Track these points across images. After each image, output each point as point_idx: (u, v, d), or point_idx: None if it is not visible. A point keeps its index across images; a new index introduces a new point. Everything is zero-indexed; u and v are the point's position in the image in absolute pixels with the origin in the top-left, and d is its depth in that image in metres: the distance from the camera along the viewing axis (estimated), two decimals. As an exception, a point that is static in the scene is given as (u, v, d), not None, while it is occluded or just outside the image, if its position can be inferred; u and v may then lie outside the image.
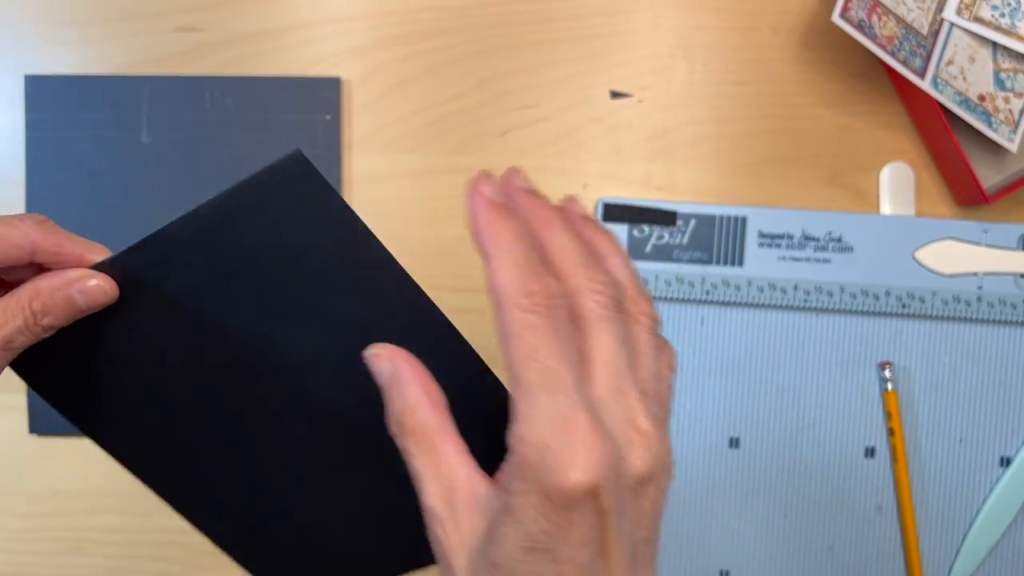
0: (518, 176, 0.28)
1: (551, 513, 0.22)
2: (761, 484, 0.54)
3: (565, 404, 0.22)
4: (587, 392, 0.23)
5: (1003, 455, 0.53)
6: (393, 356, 0.27)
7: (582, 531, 0.22)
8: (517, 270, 0.24)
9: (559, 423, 0.22)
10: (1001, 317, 0.53)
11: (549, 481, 0.22)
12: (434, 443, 0.26)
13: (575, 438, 0.22)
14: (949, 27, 0.50)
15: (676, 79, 0.54)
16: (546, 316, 0.23)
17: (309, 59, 0.54)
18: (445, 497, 0.25)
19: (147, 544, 0.54)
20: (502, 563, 0.23)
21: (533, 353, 0.23)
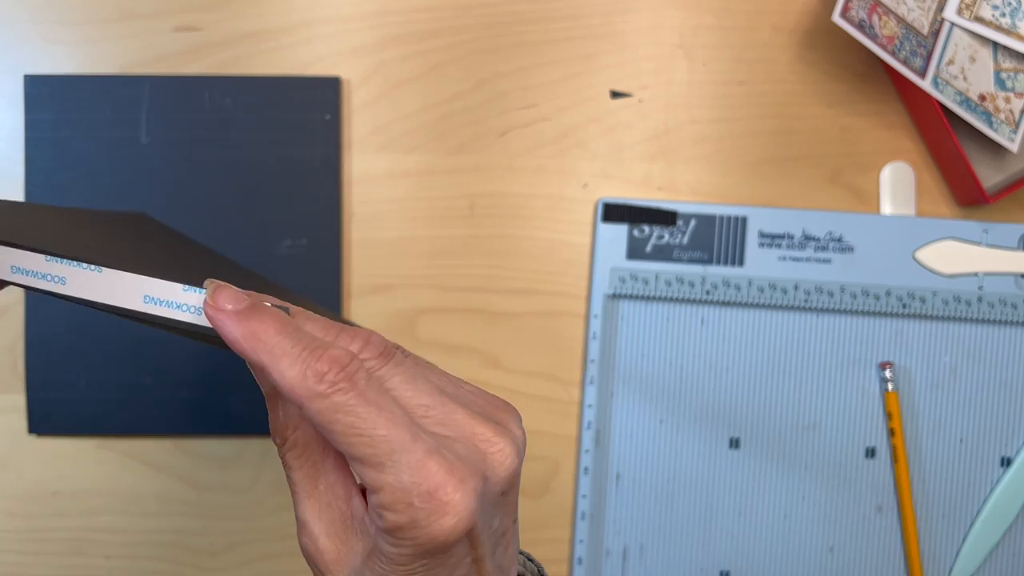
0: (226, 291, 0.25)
1: (427, 556, 0.23)
2: (761, 484, 0.54)
3: (411, 462, 0.22)
4: (422, 435, 0.23)
5: (1004, 455, 0.53)
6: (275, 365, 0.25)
7: (458, 556, 0.23)
8: (299, 363, 0.23)
9: (416, 482, 0.22)
10: (1002, 317, 0.53)
11: (424, 538, 0.22)
12: (315, 459, 0.25)
13: (438, 490, 0.22)
14: (950, 27, 0.50)
15: (676, 79, 0.54)
16: (349, 388, 0.22)
17: (308, 59, 0.54)
18: (322, 515, 0.25)
19: (147, 544, 0.54)
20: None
21: (356, 430, 0.22)
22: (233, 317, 0.24)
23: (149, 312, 0.26)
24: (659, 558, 0.54)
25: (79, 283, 0.26)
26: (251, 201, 0.53)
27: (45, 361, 0.53)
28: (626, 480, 0.54)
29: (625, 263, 0.53)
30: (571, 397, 0.54)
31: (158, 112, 0.53)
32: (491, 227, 0.54)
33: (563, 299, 0.54)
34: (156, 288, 0.26)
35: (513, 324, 0.54)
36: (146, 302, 0.26)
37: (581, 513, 0.53)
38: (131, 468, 0.54)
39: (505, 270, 0.54)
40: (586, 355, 0.53)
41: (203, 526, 0.54)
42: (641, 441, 0.54)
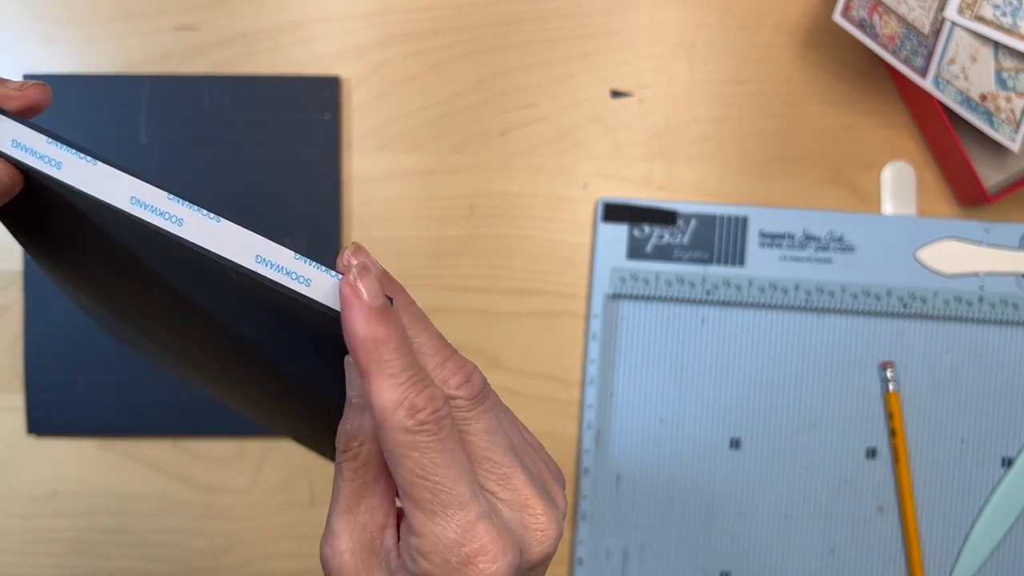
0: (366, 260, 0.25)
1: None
2: (762, 485, 0.53)
3: (461, 519, 0.22)
4: (480, 495, 0.23)
5: (1005, 456, 0.53)
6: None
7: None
8: (400, 389, 0.22)
9: (460, 541, 0.22)
10: (1003, 317, 0.53)
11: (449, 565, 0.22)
12: (369, 479, 0.25)
13: (478, 555, 0.22)
14: (951, 26, 0.50)
15: (677, 78, 0.54)
16: (434, 432, 0.22)
17: (308, 58, 0.54)
18: (353, 532, 0.25)
19: (146, 545, 0.54)
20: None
21: (423, 472, 0.22)
22: (365, 311, 0.22)
23: (259, 272, 0.24)
24: (660, 558, 0.54)
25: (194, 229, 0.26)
26: (251, 200, 0.53)
27: (44, 361, 0.53)
28: (626, 480, 0.54)
29: (625, 263, 0.53)
30: (571, 397, 0.54)
31: (158, 111, 0.53)
32: (491, 227, 0.54)
33: (563, 299, 0.54)
34: (270, 250, 0.25)
35: (513, 324, 0.54)
36: (258, 262, 0.25)
37: (582, 513, 0.53)
38: (130, 468, 0.54)
39: (505, 270, 0.54)
40: (586, 355, 0.53)
41: (202, 527, 0.54)
42: (641, 441, 0.53)
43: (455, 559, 0.22)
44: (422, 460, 0.22)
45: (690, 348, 0.53)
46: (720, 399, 0.53)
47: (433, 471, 0.22)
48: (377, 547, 0.24)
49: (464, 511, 0.22)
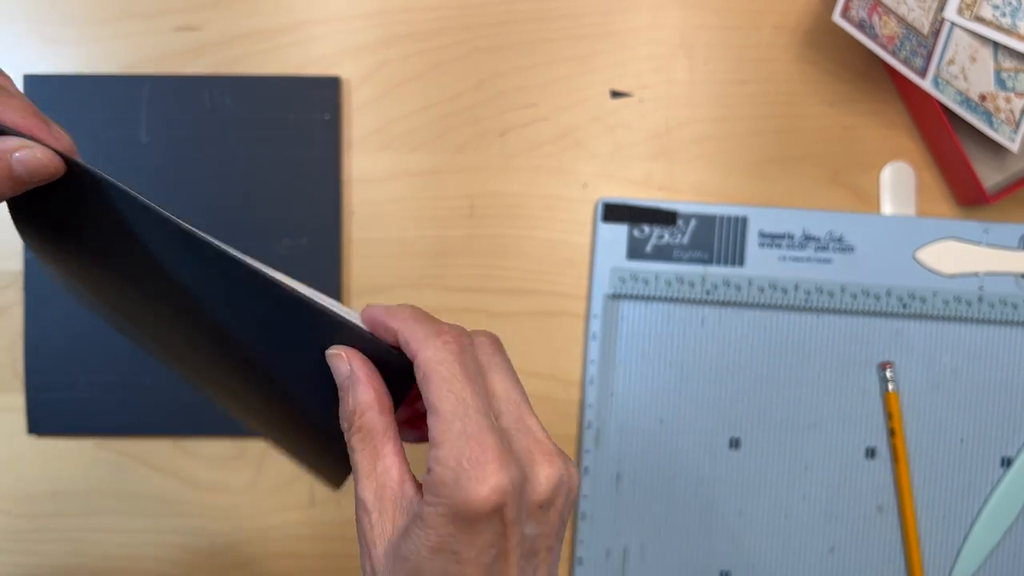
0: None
1: (458, 523, 0.26)
2: (762, 484, 0.54)
3: (476, 430, 0.26)
4: (496, 422, 0.27)
5: (1004, 455, 0.53)
6: (351, 358, 0.30)
7: (485, 539, 0.26)
8: (427, 324, 0.28)
9: (472, 447, 0.26)
10: (1002, 317, 0.53)
11: (459, 498, 0.25)
12: (376, 444, 0.29)
13: (485, 462, 0.26)
14: (950, 27, 0.50)
15: (677, 78, 0.54)
16: (458, 354, 0.27)
17: (308, 58, 0.54)
18: (377, 493, 0.28)
19: (146, 545, 0.54)
20: (411, 558, 0.26)
21: (448, 385, 0.26)
22: (376, 312, 0.30)
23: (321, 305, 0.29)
24: (659, 558, 0.54)
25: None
26: (251, 201, 0.53)
27: (44, 361, 0.53)
28: (626, 480, 0.54)
29: (625, 263, 0.53)
30: (571, 397, 0.54)
31: (158, 112, 0.53)
32: (491, 227, 0.54)
33: (563, 299, 0.54)
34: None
35: (513, 324, 0.54)
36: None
37: (582, 513, 0.53)
38: (130, 468, 0.54)
39: (505, 270, 0.54)
40: (586, 355, 0.53)
41: (203, 526, 0.54)
42: (641, 441, 0.54)
43: (466, 462, 0.25)
44: (447, 374, 0.27)
45: (690, 348, 0.53)
46: (720, 399, 0.53)
47: (456, 386, 0.26)
48: (399, 499, 0.28)
49: (479, 422, 0.26)
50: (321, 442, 0.33)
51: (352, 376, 0.29)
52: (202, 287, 0.33)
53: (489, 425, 0.26)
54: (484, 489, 0.25)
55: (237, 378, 0.35)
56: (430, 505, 0.26)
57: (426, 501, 0.26)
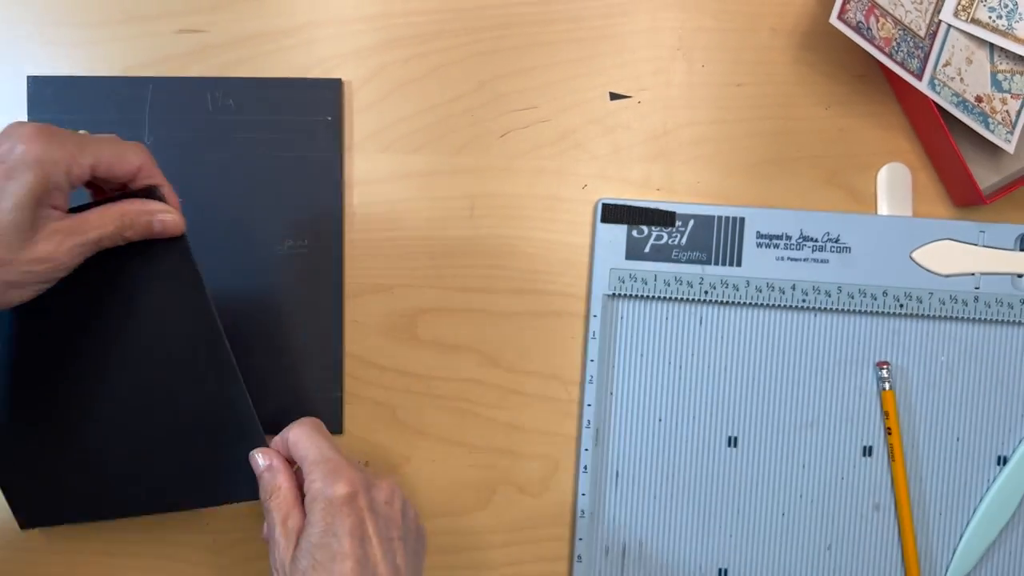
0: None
1: (330, 511, 0.40)
2: (759, 483, 0.54)
3: (335, 461, 0.42)
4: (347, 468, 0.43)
5: (1000, 454, 0.54)
6: (272, 456, 0.45)
7: (352, 519, 0.40)
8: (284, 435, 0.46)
9: (332, 467, 0.42)
10: (998, 317, 0.53)
11: (328, 495, 0.41)
12: (289, 509, 0.42)
13: (342, 472, 0.42)
14: (947, 28, 0.51)
15: (675, 80, 0.54)
16: (317, 427, 0.46)
17: (310, 61, 0.54)
18: (287, 535, 0.41)
19: (148, 542, 0.54)
20: (309, 545, 0.40)
21: (312, 442, 0.44)
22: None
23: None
24: (658, 556, 0.54)
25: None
26: (253, 202, 0.53)
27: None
28: (625, 478, 0.54)
29: (624, 263, 0.53)
30: (571, 396, 0.54)
31: (161, 113, 0.53)
32: (491, 227, 0.54)
33: (562, 299, 0.54)
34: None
35: (513, 324, 0.54)
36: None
37: (580, 511, 0.54)
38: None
39: (505, 270, 0.54)
40: (585, 354, 0.54)
41: (205, 524, 0.54)
42: (640, 440, 0.54)
43: (330, 476, 0.42)
44: (308, 439, 0.44)
45: (688, 347, 0.54)
46: (717, 398, 0.54)
47: (316, 441, 0.44)
48: (298, 534, 0.41)
49: (333, 458, 0.43)
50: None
51: (273, 467, 0.44)
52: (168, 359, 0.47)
53: (342, 459, 0.43)
54: (341, 486, 0.41)
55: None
56: (313, 512, 0.41)
57: (309, 509, 0.41)
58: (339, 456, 0.42)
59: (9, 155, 0.38)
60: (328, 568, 0.38)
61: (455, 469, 0.55)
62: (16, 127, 0.39)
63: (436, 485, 0.55)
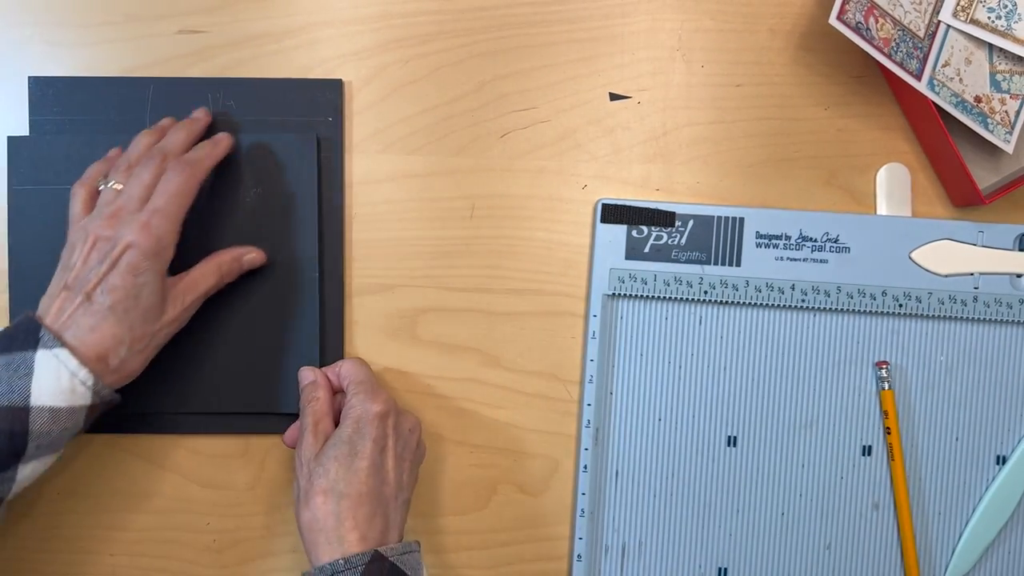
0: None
1: (364, 421, 0.46)
2: (759, 482, 0.54)
3: (375, 386, 0.49)
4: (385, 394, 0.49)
5: (999, 453, 0.54)
6: (318, 374, 0.50)
7: (378, 431, 0.46)
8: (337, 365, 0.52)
9: (374, 391, 0.48)
10: (997, 316, 0.53)
11: (368, 406, 0.47)
12: (322, 416, 0.48)
13: (380, 394, 0.48)
14: (946, 29, 0.51)
15: (675, 81, 0.54)
16: (362, 363, 0.52)
17: (311, 62, 0.54)
18: (316, 436, 0.47)
19: (150, 542, 0.55)
20: (343, 438, 0.46)
21: (359, 372, 0.50)
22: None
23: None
24: (657, 555, 0.54)
25: None
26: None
27: None
28: (625, 478, 0.54)
29: (624, 263, 0.53)
30: (570, 396, 0.55)
31: (162, 114, 0.53)
32: (491, 228, 0.54)
33: (562, 299, 0.54)
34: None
35: (513, 324, 0.54)
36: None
37: (580, 510, 0.54)
38: (135, 466, 0.54)
39: (505, 270, 0.54)
40: (585, 354, 0.54)
41: (207, 523, 0.55)
42: (639, 439, 0.54)
43: (371, 395, 0.48)
44: (356, 364, 0.51)
45: (687, 347, 0.54)
46: (717, 397, 0.54)
47: (365, 373, 0.50)
48: (327, 438, 0.47)
49: (374, 384, 0.49)
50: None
51: (317, 383, 0.50)
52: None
53: (383, 388, 0.49)
54: (378, 404, 0.47)
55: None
56: (347, 419, 0.47)
57: (344, 417, 0.47)
58: (377, 385, 0.49)
59: (119, 253, 0.45)
60: (348, 463, 0.45)
61: (455, 469, 0.55)
62: (95, 225, 0.46)
63: (436, 484, 0.55)
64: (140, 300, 0.45)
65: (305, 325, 0.53)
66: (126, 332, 0.45)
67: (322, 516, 0.44)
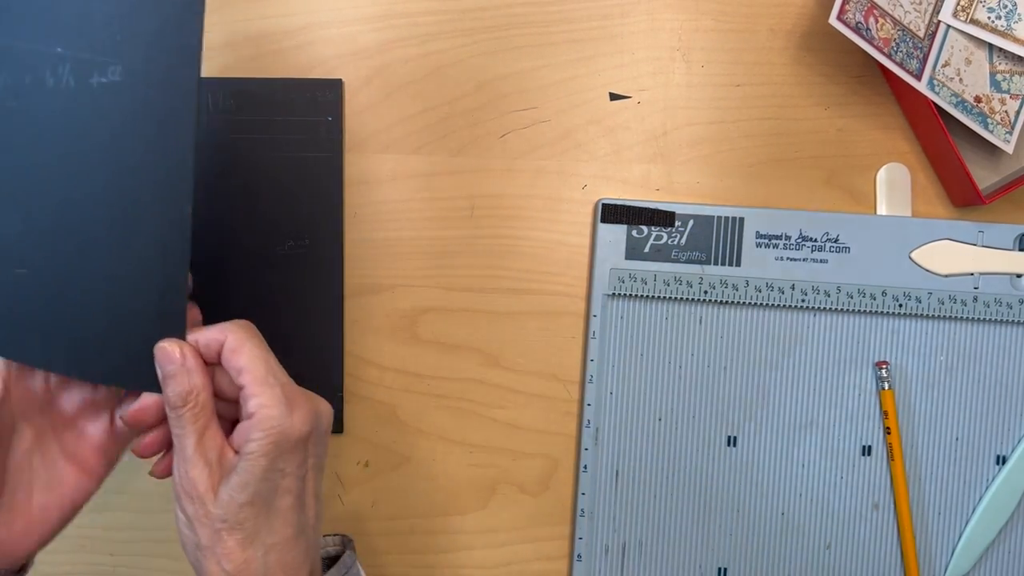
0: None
1: (281, 447, 0.35)
2: (759, 482, 0.54)
3: (285, 384, 0.36)
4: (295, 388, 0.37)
5: (999, 454, 0.54)
6: (183, 348, 0.36)
7: (299, 457, 0.36)
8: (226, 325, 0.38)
9: (287, 394, 0.36)
10: (997, 317, 0.53)
11: (285, 431, 0.35)
12: (207, 418, 0.36)
13: (299, 404, 0.36)
14: (946, 29, 0.51)
15: (674, 81, 0.54)
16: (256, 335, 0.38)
17: (311, 61, 0.54)
18: (207, 456, 0.36)
19: (151, 542, 0.55)
20: (249, 484, 0.35)
21: (257, 354, 0.36)
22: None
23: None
24: (657, 555, 0.54)
25: None
26: (253, 202, 0.54)
27: None
28: (625, 478, 0.54)
29: (624, 263, 0.53)
30: (570, 396, 0.55)
31: (162, 114, 0.53)
32: (491, 228, 0.54)
33: (563, 299, 0.54)
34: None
35: (513, 324, 0.54)
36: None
37: (580, 510, 0.54)
38: (135, 465, 0.54)
39: (505, 270, 0.54)
40: (585, 354, 0.54)
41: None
42: (639, 439, 0.54)
43: (285, 405, 0.35)
44: (254, 347, 0.36)
45: (687, 347, 0.54)
46: (717, 397, 0.54)
47: (260, 353, 0.36)
48: (224, 457, 0.36)
49: (284, 383, 0.36)
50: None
51: (185, 364, 0.36)
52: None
53: (292, 385, 0.36)
54: (299, 422, 0.35)
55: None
56: (256, 441, 0.35)
57: (252, 438, 0.35)
58: (288, 379, 0.36)
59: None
60: (268, 503, 0.35)
61: (455, 468, 0.55)
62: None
63: (436, 485, 0.55)
64: None
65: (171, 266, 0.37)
66: None
67: (242, 570, 0.35)
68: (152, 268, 0.36)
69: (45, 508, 0.38)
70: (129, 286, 0.37)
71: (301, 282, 0.54)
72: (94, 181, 0.36)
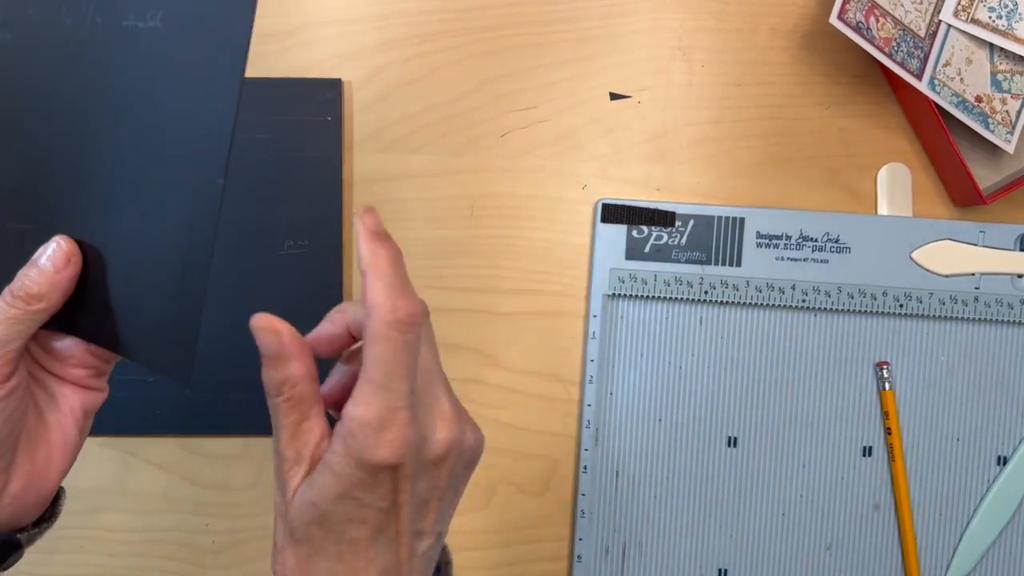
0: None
1: (362, 472, 0.29)
2: (759, 483, 0.54)
3: (395, 403, 0.29)
4: (411, 394, 0.30)
5: (1000, 454, 0.54)
6: (280, 330, 0.32)
7: (384, 488, 0.30)
8: (387, 290, 0.29)
9: (386, 415, 0.29)
10: (998, 317, 0.53)
11: (365, 454, 0.29)
12: (304, 409, 0.32)
13: (393, 428, 0.29)
14: (946, 29, 0.51)
15: (675, 80, 0.54)
16: (405, 333, 0.29)
17: (310, 61, 0.54)
18: (299, 450, 0.32)
19: (150, 542, 0.55)
20: (318, 503, 0.30)
21: (384, 358, 0.29)
22: (368, 231, 0.30)
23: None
24: (657, 556, 0.54)
25: None
26: (253, 202, 0.53)
27: None
28: (625, 478, 0.54)
29: (624, 263, 0.53)
30: (570, 396, 0.55)
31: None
32: (491, 228, 0.54)
33: (563, 299, 0.54)
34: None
35: (513, 324, 0.54)
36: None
37: (580, 511, 0.54)
38: (134, 466, 0.54)
39: (505, 270, 0.54)
40: (585, 354, 0.54)
41: (206, 524, 0.55)
42: (640, 440, 0.54)
43: (376, 426, 0.29)
44: (387, 349, 0.29)
45: (688, 348, 0.54)
46: (717, 398, 0.54)
47: (391, 360, 0.29)
48: (314, 459, 0.31)
49: (396, 397, 0.29)
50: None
51: (283, 351, 0.32)
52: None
53: (407, 402, 0.29)
54: (383, 452, 0.29)
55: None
56: (338, 454, 0.30)
57: (334, 450, 0.30)
58: (405, 395, 0.29)
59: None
60: (338, 530, 0.30)
61: (455, 469, 0.55)
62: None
63: (436, 485, 0.55)
64: None
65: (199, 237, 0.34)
66: None
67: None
68: (176, 242, 0.32)
69: (60, 426, 0.38)
70: (149, 257, 0.33)
71: (301, 282, 0.53)
72: (117, 137, 0.32)
